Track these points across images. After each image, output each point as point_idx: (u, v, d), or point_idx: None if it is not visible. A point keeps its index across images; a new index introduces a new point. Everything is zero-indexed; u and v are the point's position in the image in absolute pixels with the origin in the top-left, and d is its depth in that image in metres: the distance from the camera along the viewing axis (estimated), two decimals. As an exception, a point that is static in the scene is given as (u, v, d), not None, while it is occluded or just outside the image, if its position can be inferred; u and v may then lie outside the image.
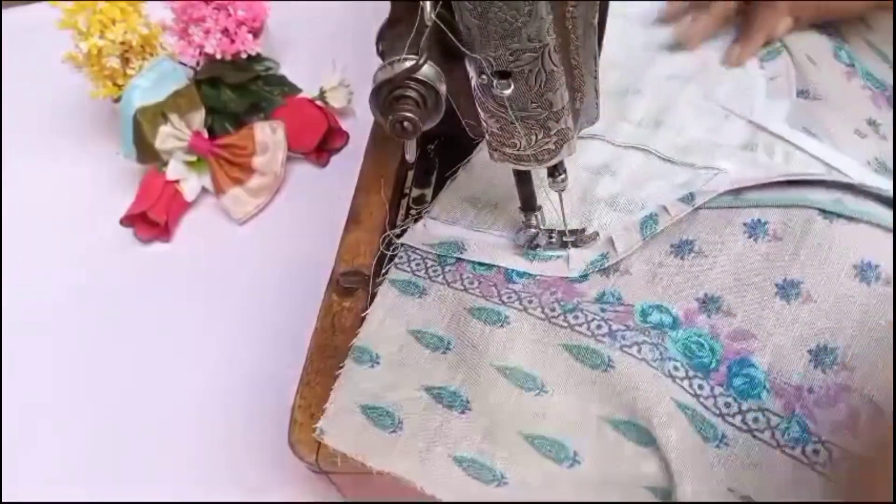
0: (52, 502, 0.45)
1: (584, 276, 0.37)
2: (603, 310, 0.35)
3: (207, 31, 0.57)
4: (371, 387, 0.36)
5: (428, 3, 0.26)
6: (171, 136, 0.55)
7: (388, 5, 0.28)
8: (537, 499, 0.32)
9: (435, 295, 0.38)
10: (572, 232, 0.37)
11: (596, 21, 0.29)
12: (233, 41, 0.58)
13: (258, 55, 0.60)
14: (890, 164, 0.38)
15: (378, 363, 0.37)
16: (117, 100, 0.57)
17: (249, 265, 0.55)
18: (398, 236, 0.42)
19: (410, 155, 0.31)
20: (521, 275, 0.38)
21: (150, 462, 0.46)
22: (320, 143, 0.58)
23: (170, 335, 0.52)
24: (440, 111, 0.27)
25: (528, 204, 0.36)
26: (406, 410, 0.35)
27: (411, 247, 0.41)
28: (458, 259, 0.39)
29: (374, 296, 0.40)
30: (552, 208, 0.37)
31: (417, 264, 0.40)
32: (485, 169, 0.42)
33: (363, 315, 0.39)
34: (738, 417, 0.31)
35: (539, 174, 0.35)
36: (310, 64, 0.63)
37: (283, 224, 0.57)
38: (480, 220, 0.41)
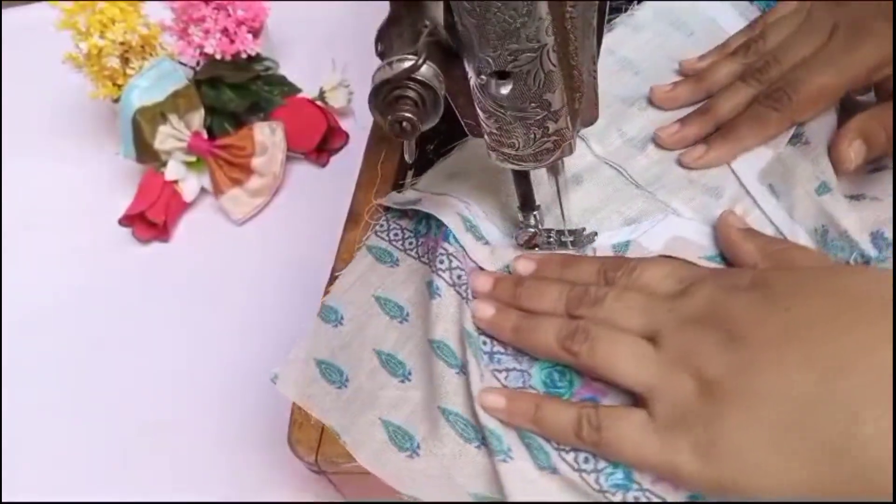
0: (52, 502, 0.45)
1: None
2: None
3: (207, 31, 0.57)
4: (331, 344, 0.38)
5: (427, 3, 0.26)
6: (170, 137, 0.56)
7: (387, 5, 0.28)
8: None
9: (406, 266, 0.39)
10: (571, 231, 0.37)
11: (595, 22, 0.29)
12: (233, 41, 0.58)
13: (258, 55, 0.60)
14: (835, 232, 0.36)
15: (342, 323, 0.38)
16: (117, 100, 0.57)
17: (249, 265, 0.55)
18: (384, 207, 0.42)
19: (410, 155, 0.31)
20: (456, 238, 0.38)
21: (149, 462, 0.46)
22: (320, 143, 0.58)
23: (169, 335, 0.52)
24: (439, 111, 0.28)
25: (527, 204, 0.36)
26: (354, 370, 0.36)
27: (393, 217, 0.41)
28: (428, 231, 0.39)
29: None
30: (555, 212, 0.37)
31: (396, 234, 0.41)
32: (475, 151, 0.42)
33: (336, 275, 0.40)
34: (571, 455, 0.31)
35: (536, 173, 0.35)
36: (310, 64, 0.63)
37: (282, 224, 0.57)
38: (459, 191, 0.41)
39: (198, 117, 0.57)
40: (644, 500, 0.29)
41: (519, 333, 0.34)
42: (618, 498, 0.29)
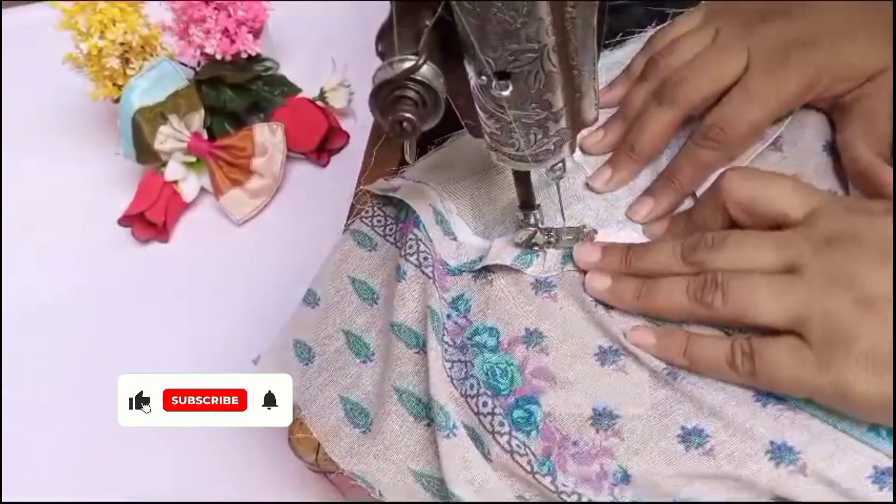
0: (52, 502, 0.45)
1: (459, 271, 0.38)
2: (449, 316, 0.36)
3: (207, 32, 0.57)
4: (306, 325, 0.39)
5: (427, 3, 0.26)
6: (170, 137, 0.56)
7: (388, 5, 0.28)
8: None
9: (383, 251, 0.40)
10: (570, 230, 0.37)
11: (595, 22, 0.29)
12: (233, 41, 0.58)
13: (258, 55, 0.60)
14: None
15: (318, 304, 0.39)
16: (117, 100, 0.57)
17: (248, 265, 0.55)
18: (371, 193, 0.42)
19: (410, 155, 0.31)
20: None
21: (149, 462, 0.46)
22: (321, 143, 0.58)
23: (168, 335, 0.52)
24: (439, 111, 0.27)
25: (527, 203, 0.36)
26: (321, 348, 0.38)
27: (379, 204, 0.42)
28: (407, 218, 0.39)
29: None
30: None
31: (379, 220, 0.41)
32: (463, 146, 0.42)
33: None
34: (505, 438, 0.32)
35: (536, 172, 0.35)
36: (310, 64, 0.63)
37: (282, 224, 0.57)
38: (438, 182, 0.41)
39: (198, 118, 0.57)
40: (568, 489, 0.30)
41: (643, 298, 0.33)
42: (547, 481, 0.30)
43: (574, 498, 0.30)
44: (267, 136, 0.57)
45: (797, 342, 0.29)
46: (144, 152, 0.56)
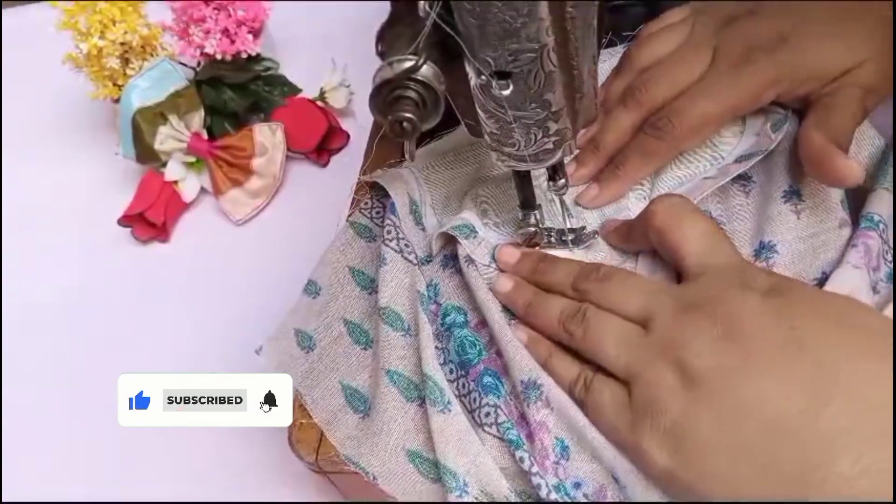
0: (52, 502, 0.45)
1: (426, 261, 0.39)
2: (423, 303, 0.37)
3: (207, 32, 0.57)
4: (307, 315, 0.39)
5: (425, 3, 0.26)
6: (170, 137, 0.56)
7: (388, 5, 0.28)
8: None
9: (381, 242, 0.40)
10: (572, 230, 0.37)
11: (595, 22, 0.29)
12: (233, 41, 0.58)
13: (258, 55, 0.60)
14: None
15: (318, 295, 0.40)
16: (117, 100, 0.57)
17: (248, 265, 0.55)
18: (370, 184, 0.42)
19: (410, 154, 0.31)
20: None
21: (149, 462, 0.46)
22: (320, 143, 0.58)
23: (168, 335, 0.52)
24: (439, 111, 0.28)
25: (528, 203, 0.36)
26: (322, 335, 0.38)
27: (378, 195, 0.42)
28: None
29: None
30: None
31: (378, 212, 0.42)
32: (458, 139, 0.43)
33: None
34: (476, 412, 0.33)
35: (536, 175, 0.36)
36: (310, 64, 0.63)
37: (282, 224, 0.57)
38: (420, 169, 0.42)
39: (198, 118, 0.57)
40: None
41: (529, 310, 0.34)
42: (518, 455, 0.31)
43: (537, 479, 0.30)
44: (267, 136, 0.57)
45: (623, 394, 0.29)
46: (144, 152, 0.56)
